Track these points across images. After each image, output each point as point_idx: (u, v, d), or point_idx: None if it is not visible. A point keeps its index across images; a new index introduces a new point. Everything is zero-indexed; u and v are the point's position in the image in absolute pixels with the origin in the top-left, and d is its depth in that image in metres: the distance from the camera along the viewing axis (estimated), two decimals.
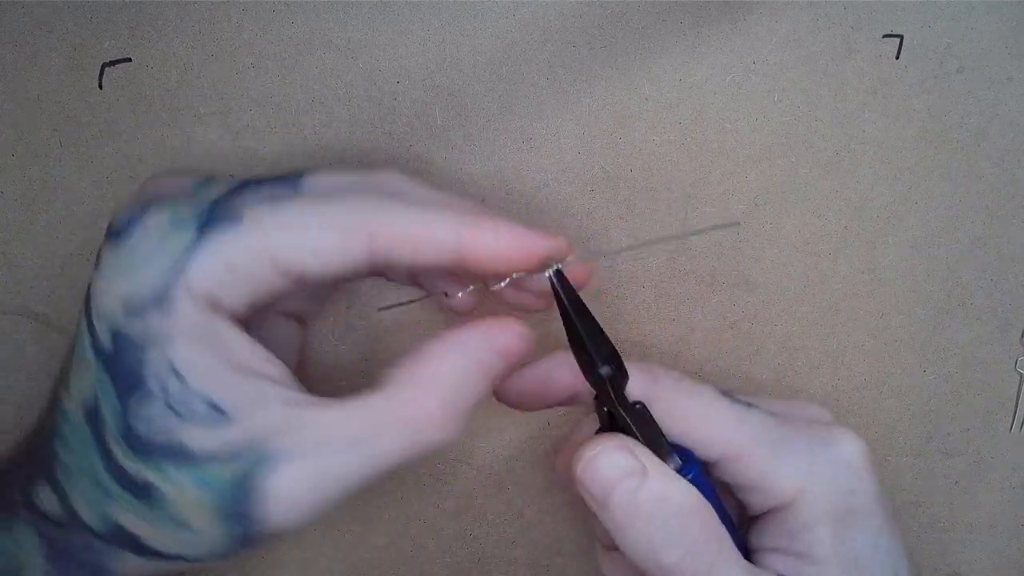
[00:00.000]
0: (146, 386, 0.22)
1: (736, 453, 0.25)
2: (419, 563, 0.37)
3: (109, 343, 0.23)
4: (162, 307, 0.22)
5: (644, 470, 0.24)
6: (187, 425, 0.22)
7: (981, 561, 0.38)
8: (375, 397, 0.23)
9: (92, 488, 0.24)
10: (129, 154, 0.32)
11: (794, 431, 0.26)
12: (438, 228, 0.23)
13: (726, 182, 0.33)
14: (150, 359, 0.22)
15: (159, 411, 0.23)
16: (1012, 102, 0.33)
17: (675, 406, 0.26)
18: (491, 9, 0.31)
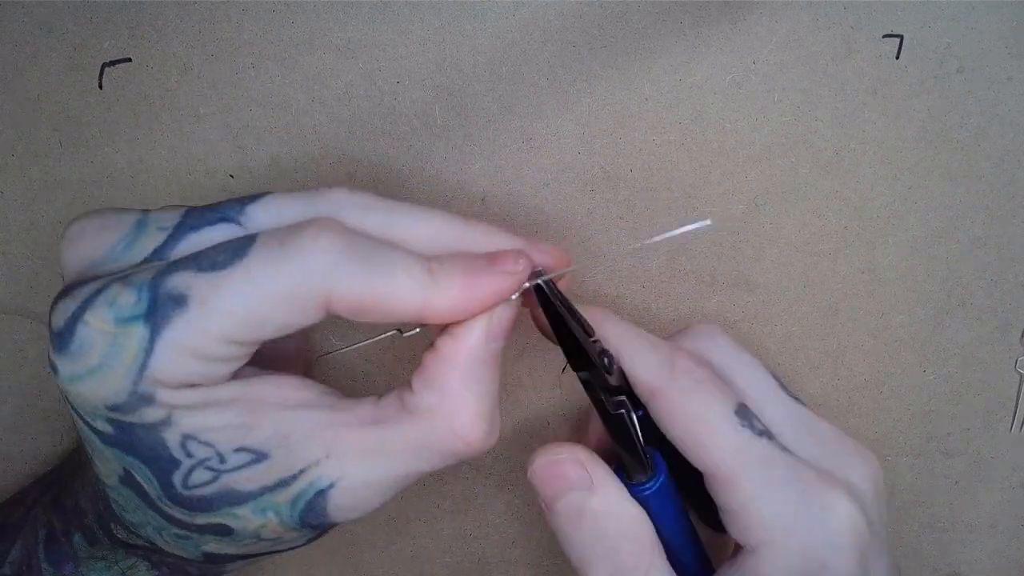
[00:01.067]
0: (174, 458, 0.22)
1: (723, 476, 0.24)
2: (419, 563, 0.37)
3: (113, 431, 0.22)
4: (149, 403, 0.22)
5: (591, 485, 0.24)
6: (231, 474, 0.23)
7: (981, 561, 0.38)
8: (413, 425, 0.23)
9: (171, 537, 0.25)
10: (129, 154, 0.32)
11: (792, 477, 0.24)
12: (400, 293, 0.22)
13: (726, 182, 0.33)
14: (167, 437, 0.22)
15: (198, 474, 0.23)
16: (1012, 102, 0.33)
17: (678, 408, 0.25)
18: (491, 9, 0.31)
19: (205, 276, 0.21)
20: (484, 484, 0.36)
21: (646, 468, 0.25)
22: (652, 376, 0.25)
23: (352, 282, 0.21)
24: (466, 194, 0.33)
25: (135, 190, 0.32)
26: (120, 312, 0.21)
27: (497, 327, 0.23)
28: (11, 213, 0.32)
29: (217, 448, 0.22)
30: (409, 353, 0.34)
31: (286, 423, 0.23)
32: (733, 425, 0.24)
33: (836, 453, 0.25)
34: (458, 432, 0.23)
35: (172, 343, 0.21)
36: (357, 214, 0.23)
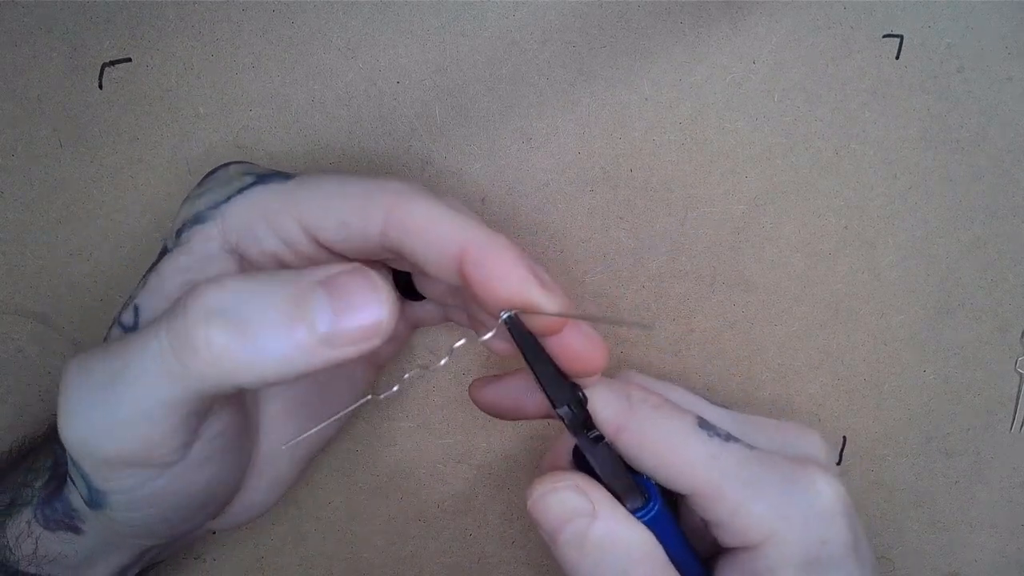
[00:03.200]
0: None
1: (707, 490, 0.24)
2: (419, 563, 0.37)
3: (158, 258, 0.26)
4: (193, 226, 0.25)
5: (593, 511, 0.24)
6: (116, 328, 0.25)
7: (981, 561, 0.38)
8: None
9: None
10: (129, 154, 0.32)
11: (770, 470, 0.25)
12: (447, 225, 0.23)
13: (726, 182, 0.33)
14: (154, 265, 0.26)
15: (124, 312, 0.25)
16: (1012, 102, 0.33)
17: (646, 437, 0.25)
18: (491, 9, 0.31)
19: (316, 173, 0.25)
20: (484, 484, 0.36)
21: (641, 493, 0.25)
22: (614, 412, 0.25)
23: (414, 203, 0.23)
24: (466, 194, 0.33)
25: (135, 190, 0.32)
26: (247, 169, 0.26)
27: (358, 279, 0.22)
28: (11, 213, 0.32)
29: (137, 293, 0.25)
30: (408, 353, 0.34)
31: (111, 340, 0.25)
32: (701, 438, 0.24)
33: (784, 439, 0.27)
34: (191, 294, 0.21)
35: (256, 196, 0.25)
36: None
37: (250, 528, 0.36)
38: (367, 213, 0.24)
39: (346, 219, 0.24)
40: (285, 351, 0.20)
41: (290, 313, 0.21)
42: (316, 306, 0.21)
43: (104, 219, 0.32)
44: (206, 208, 0.25)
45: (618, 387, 0.26)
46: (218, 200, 0.25)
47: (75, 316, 0.33)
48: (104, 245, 0.33)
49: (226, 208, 0.25)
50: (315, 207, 0.24)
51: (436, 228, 0.23)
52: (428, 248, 0.23)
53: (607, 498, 0.24)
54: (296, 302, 0.21)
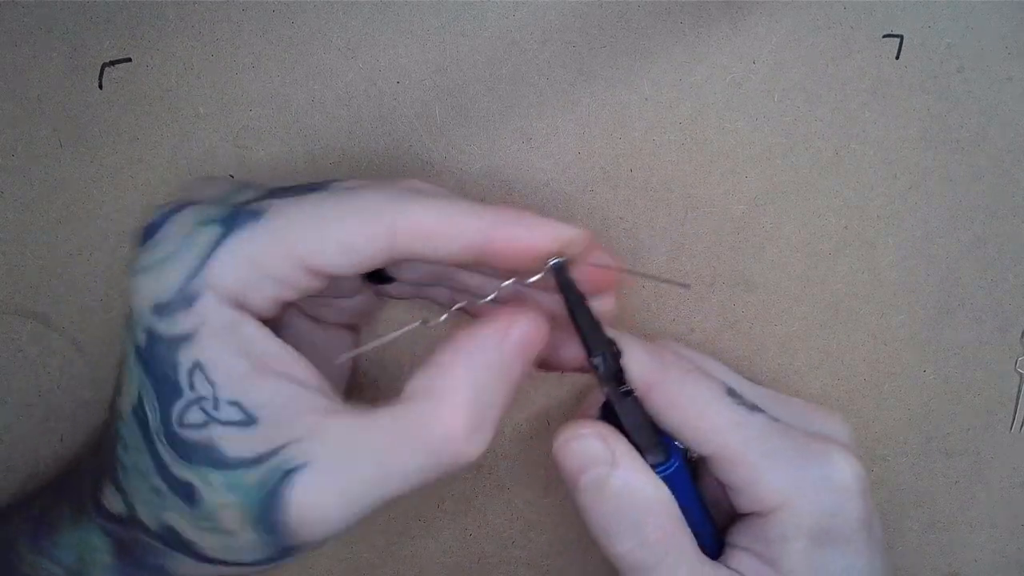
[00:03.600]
0: (179, 387, 0.23)
1: (727, 455, 0.25)
2: (419, 563, 0.37)
3: (144, 343, 0.23)
4: (189, 306, 0.23)
5: (614, 460, 0.25)
6: (219, 427, 0.23)
7: (981, 561, 0.38)
8: (396, 411, 0.23)
9: (148, 491, 0.25)
10: (129, 154, 0.32)
11: (791, 443, 0.26)
12: (462, 221, 0.23)
13: (726, 182, 0.33)
14: (181, 360, 0.23)
15: (193, 413, 0.23)
16: (1012, 102, 0.33)
17: (675, 397, 0.26)
18: (491, 9, 0.31)
19: (284, 199, 0.23)
20: (484, 484, 0.36)
21: (663, 450, 0.26)
22: (647, 369, 0.26)
23: (417, 209, 0.23)
24: (466, 194, 0.32)
25: (135, 190, 0.32)
26: (203, 216, 0.23)
27: (517, 335, 0.23)
28: (11, 213, 0.32)
29: (216, 390, 0.23)
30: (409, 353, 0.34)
31: (282, 393, 0.23)
32: (728, 404, 0.25)
33: (812, 419, 0.28)
34: (441, 420, 0.22)
35: (238, 246, 0.22)
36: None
37: None
38: (368, 232, 0.23)
39: (349, 245, 0.23)
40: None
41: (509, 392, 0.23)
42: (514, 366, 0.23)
43: (104, 219, 0.32)
44: (187, 279, 0.23)
45: (653, 349, 0.26)
46: (194, 265, 0.23)
47: (75, 316, 0.33)
48: (104, 245, 0.33)
49: (209, 274, 0.23)
50: (310, 240, 0.23)
51: (448, 229, 0.23)
52: (444, 248, 0.23)
53: (629, 450, 0.25)
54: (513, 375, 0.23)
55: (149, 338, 0.23)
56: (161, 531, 0.25)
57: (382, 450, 0.22)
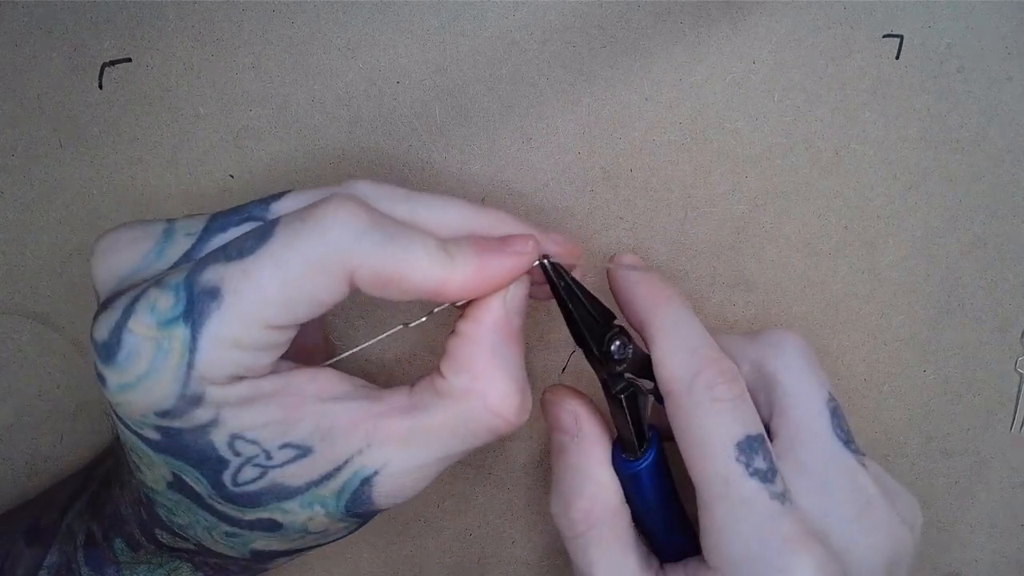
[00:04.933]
0: (223, 459, 0.23)
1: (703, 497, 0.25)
2: (419, 563, 0.37)
3: (160, 437, 0.23)
4: (198, 404, 0.22)
5: (576, 436, 0.27)
6: (278, 470, 0.23)
7: (981, 561, 0.38)
8: (447, 406, 0.24)
9: (222, 535, 0.25)
10: (129, 154, 0.32)
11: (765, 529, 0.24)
12: (419, 266, 0.23)
13: (726, 182, 0.33)
14: (215, 440, 0.23)
15: (246, 471, 0.23)
16: (1012, 102, 0.33)
17: (686, 420, 0.25)
18: (491, 9, 0.31)
19: (235, 264, 0.22)
20: (484, 484, 0.36)
21: (636, 448, 0.26)
22: (670, 379, 0.25)
23: (374, 252, 0.22)
24: (466, 194, 0.32)
25: (135, 190, 0.32)
26: (161, 316, 0.22)
27: (513, 304, 0.24)
28: (11, 213, 0.32)
29: (263, 445, 0.23)
30: (408, 353, 0.34)
31: (326, 416, 0.23)
32: (728, 456, 0.24)
33: (859, 516, 0.25)
34: (493, 409, 0.24)
35: (214, 337, 0.22)
36: (383, 205, 0.24)
37: None
38: (332, 286, 0.22)
39: (313, 299, 0.22)
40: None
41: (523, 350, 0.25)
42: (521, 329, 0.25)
43: (104, 219, 0.32)
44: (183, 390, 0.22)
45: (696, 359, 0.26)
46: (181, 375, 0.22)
47: (75, 316, 0.33)
48: None
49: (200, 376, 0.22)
50: (277, 308, 0.22)
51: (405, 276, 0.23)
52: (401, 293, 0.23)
53: (595, 435, 0.27)
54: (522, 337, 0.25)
55: (165, 433, 0.23)
56: (249, 555, 0.26)
57: (444, 441, 0.24)
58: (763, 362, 0.27)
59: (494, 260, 0.24)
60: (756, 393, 0.27)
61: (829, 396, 0.27)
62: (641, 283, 0.27)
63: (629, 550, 0.26)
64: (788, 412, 0.26)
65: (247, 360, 0.22)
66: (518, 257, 0.24)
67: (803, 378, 0.26)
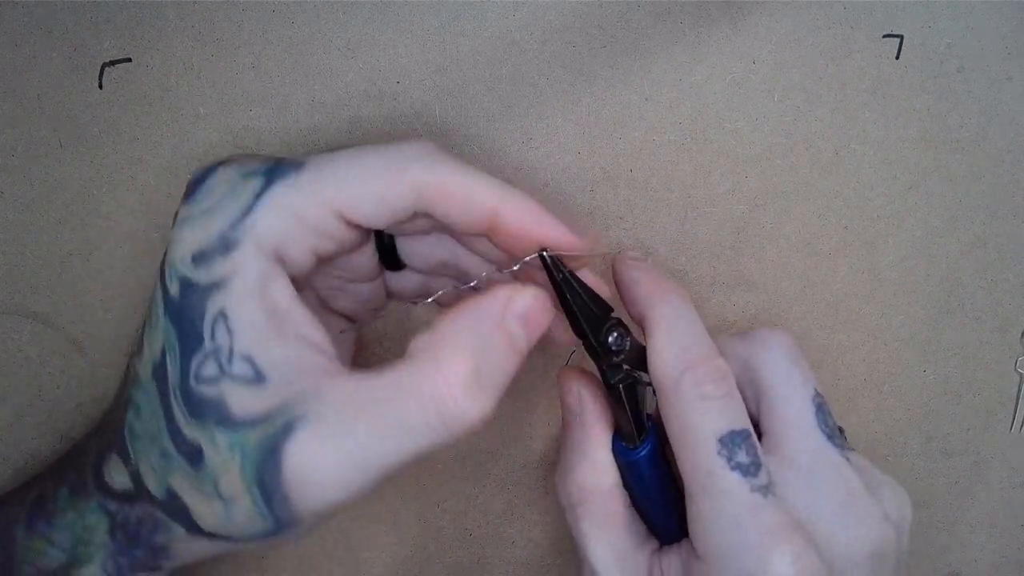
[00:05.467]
0: (201, 337, 0.23)
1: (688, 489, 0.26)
2: (419, 563, 0.37)
3: (177, 292, 0.24)
4: (227, 253, 0.23)
5: (580, 418, 0.28)
6: (230, 382, 0.23)
7: (981, 561, 0.38)
8: (398, 369, 0.23)
9: (157, 455, 0.25)
10: (129, 154, 0.32)
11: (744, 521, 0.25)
12: (480, 189, 0.24)
13: (726, 182, 0.33)
14: (208, 308, 0.23)
15: (209, 366, 0.23)
16: (1012, 102, 0.33)
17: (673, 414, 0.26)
18: (491, 9, 0.31)
19: (322, 155, 0.25)
20: (484, 484, 0.36)
21: (635, 437, 0.27)
22: (661, 373, 0.26)
23: (443, 168, 0.24)
24: None
25: (135, 190, 0.32)
26: (246, 169, 0.24)
27: (517, 306, 0.24)
28: (11, 213, 0.32)
29: (232, 341, 0.23)
30: None
31: (294, 354, 0.24)
32: (711, 451, 0.25)
33: (842, 508, 0.25)
34: (441, 376, 0.22)
35: (279, 195, 0.24)
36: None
37: None
38: (400, 185, 0.24)
39: (382, 196, 0.24)
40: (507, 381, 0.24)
41: (512, 354, 0.24)
42: (515, 331, 0.24)
43: (104, 219, 0.32)
44: (229, 227, 0.24)
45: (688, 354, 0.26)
46: (237, 215, 0.24)
47: (75, 316, 0.33)
48: (104, 245, 0.33)
49: (252, 222, 0.24)
50: (348, 190, 0.24)
51: (469, 193, 0.24)
52: (463, 211, 0.24)
53: (597, 421, 0.28)
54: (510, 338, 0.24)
55: (183, 287, 0.24)
56: (165, 498, 0.25)
57: (381, 407, 0.22)
58: (751, 360, 0.27)
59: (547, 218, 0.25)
60: (745, 389, 0.27)
61: (815, 392, 0.27)
62: (643, 277, 0.28)
63: (622, 528, 0.27)
64: (774, 408, 0.27)
65: (296, 233, 0.24)
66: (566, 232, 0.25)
67: (788, 375, 0.27)
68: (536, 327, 0.24)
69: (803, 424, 0.26)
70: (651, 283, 0.27)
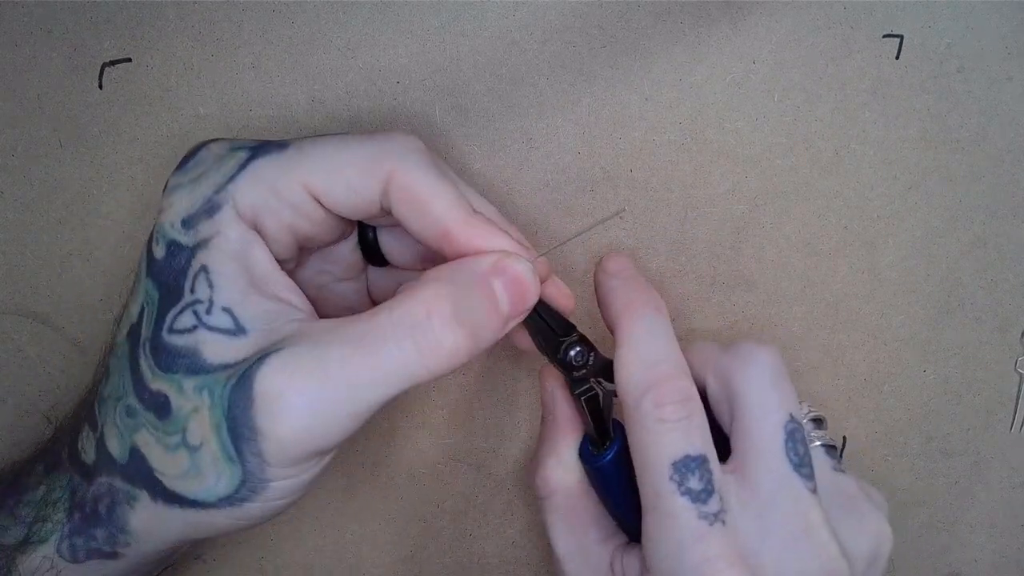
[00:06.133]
0: (181, 291, 0.24)
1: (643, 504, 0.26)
2: (419, 563, 0.37)
3: (163, 254, 0.25)
4: (211, 216, 0.24)
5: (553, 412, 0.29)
6: (207, 332, 0.23)
7: (981, 561, 0.38)
8: (378, 308, 0.23)
9: (122, 415, 0.25)
10: (129, 154, 0.32)
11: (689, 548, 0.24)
12: (441, 203, 0.25)
13: (726, 182, 0.33)
14: (192, 265, 0.24)
15: (185, 317, 0.24)
16: (1012, 102, 0.33)
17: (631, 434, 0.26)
18: (491, 9, 0.31)
19: (310, 138, 0.26)
20: (484, 484, 0.36)
21: (599, 445, 0.28)
22: (624, 391, 0.26)
23: (416, 169, 0.25)
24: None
25: (135, 190, 0.32)
26: (235, 145, 0.26)
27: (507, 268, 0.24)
28: (11, 213, 0.32)
29: (214, 294, 0.24)
30: None
31: (275, 312, 0.24)
32: (663, 475, 0.25)
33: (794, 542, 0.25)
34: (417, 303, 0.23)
35: (259, 169, 0.25)
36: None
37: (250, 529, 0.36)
38: (371, 177, 0.25)
39: (353, 184, 0.25)
40: (490, 338, 0.24)
41: (493, 306, 0.24)
42: (499, 293, 0.24)
43: (104, 219, 0.32)
44: (214, 193, 0.25)
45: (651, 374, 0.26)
46: (221, 182, 0.25)
47: (75, 316, 0.33)
48: (104, 245, 0.33)
49: (233, 188, 0.24)
50: (321, 173, 0.25)
51: (429, 205, 0.25)
52: (418, 219, 0.25)
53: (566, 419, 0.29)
54: (492, 294, 0.24)
55: (168, 249, 0.25)
56: (127, 460, 0.24)
57: (356, 336, 0.23)
58: (731, 375, 0.27)
59: (504, 239, 0.25)
60: (720, 404, 0.27)
61: (789, 417, 0.26)
62: (617, 290, 0.28)
63: (586, 524, 0.28)
64: (745, 428, 0.26)
65: (272, 206, 0.24)
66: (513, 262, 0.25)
67: (764, 396, 0.26)
68: (521, 298, 0.25)
69: (770, 451, 0.25)
70: (626, 294, 0.27)
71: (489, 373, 0.35)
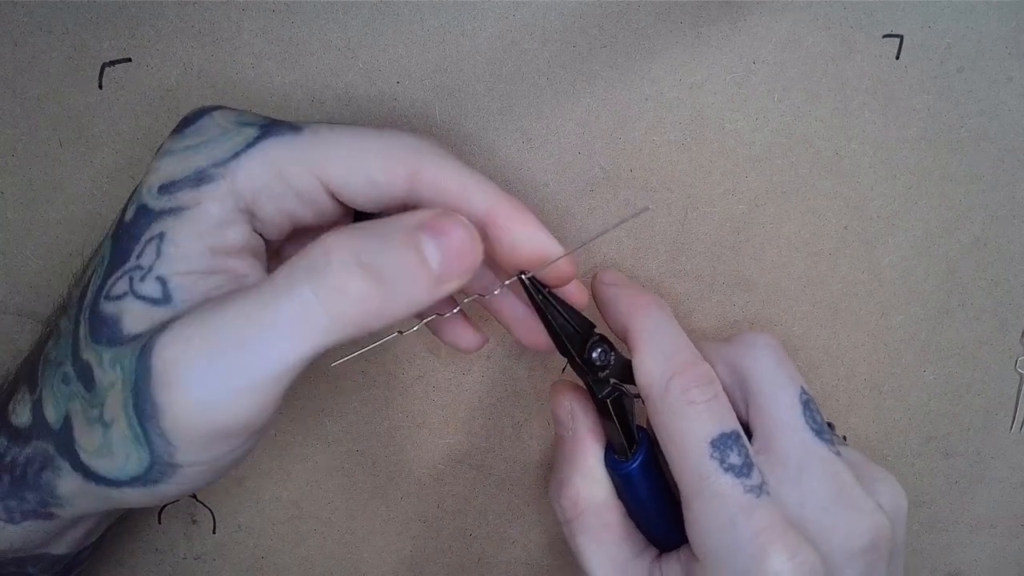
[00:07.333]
0: (129, 255, 0.23)
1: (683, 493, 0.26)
2: (419, 563, 0.37)
3: (131, 216, 0.24)
4: (197, 186, 0.23)
5: (571, 430, 0.28)
6: (133, 300, 0.23)
7: (981, 561, 0.38)
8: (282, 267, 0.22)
9: (60, 380, 0.24)
10: (129, 154, 0.32)
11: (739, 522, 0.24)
12: (476, 189, 0.24)
13: (726, 182, 0.33)
14: (151, 228, 0.23)
15: (121, 283, 0.23)
16: (1012, 102, 0.33)
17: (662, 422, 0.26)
18: (491, 9, 0.31)
19: (323, 124, 0.25)
20: (484, 484, 0.36)
21: (626, 450, 0.27)
22: (647, 383, 0.26)
23: (442, 163, 0.24)
24: None
25: None
26: (244, 119, 0.24)
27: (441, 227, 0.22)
28: (11, 213, 0.32)
29: (156, 262, 0.23)
30: (408, 352, 0.34)
31: (217, 288, 0.23)
32: (703, 454, 0.25)
33: (833, 502, 0.25)
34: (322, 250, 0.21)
35: (270, 150, 0.24)
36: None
37: (250, 528, 0.36)
38: (394, 171, 0.24)
39: (375, 177, 0.24)
40: (412, 293, 0.22)
41: (413, 258, 0.21)
42: (427, 249, 0.22)
43: (104, 219, 0.32)
44: (209, 165, 0.24)
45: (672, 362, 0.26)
46: (223, 156, 0.24)
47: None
48: None
49: (236, 166, 0.23)
50: (340, 163, 0.24)
51: (465, 191, 0.24)
52: (455, 209, 0.24)
53: (587, 437, 0.28)
54: (415, 247, 0.22)
55: (137, 212, 0.24)
56: (60, 428, 0.24)
57: (252, 296, 0.21)
58: (738, 362, 0.27)
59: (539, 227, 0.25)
60: (733, 392, 0.28)
61: (801, 390, 0.27)
62: (622, 293, 0.28)
63: (619, 540, 0.27)
64: (762, 408, 0.27)
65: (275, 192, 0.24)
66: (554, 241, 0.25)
67: (774, 375, 0.27)
68: (458, 259, 0.22)
69: (792, 422, 0.26)
70: (629, 298, 0.28)
71: (489, 373, 0.35)
